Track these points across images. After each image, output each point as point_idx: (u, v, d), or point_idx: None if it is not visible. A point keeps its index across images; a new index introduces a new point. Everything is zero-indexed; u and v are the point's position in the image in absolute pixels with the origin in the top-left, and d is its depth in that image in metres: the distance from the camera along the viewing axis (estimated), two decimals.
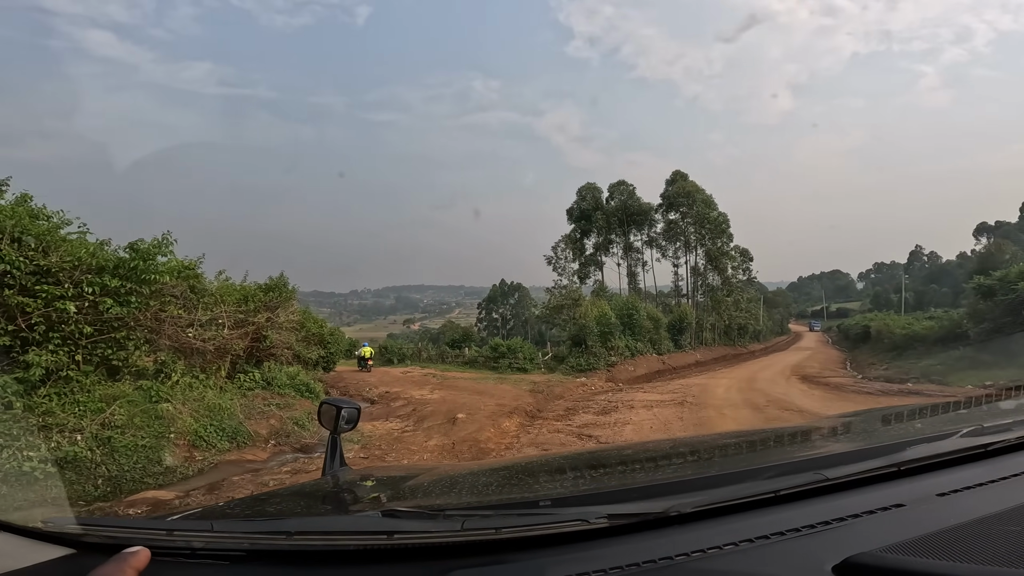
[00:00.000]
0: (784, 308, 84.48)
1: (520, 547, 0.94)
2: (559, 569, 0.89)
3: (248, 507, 1.68)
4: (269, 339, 12.59)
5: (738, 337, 50.03)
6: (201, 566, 0.97)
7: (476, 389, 16.59)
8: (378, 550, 0.95)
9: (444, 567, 0.90)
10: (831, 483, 1.13)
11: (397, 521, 1.04)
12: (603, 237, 46.86)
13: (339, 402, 1.95)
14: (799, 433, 2.07)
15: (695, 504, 1.02)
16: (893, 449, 1.35)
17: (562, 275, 39.91)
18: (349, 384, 19.21)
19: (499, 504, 1.31)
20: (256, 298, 12.55)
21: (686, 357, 36.17)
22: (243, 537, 1.03)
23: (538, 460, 2.98)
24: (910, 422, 2.12)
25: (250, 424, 9.41)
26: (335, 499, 1.66)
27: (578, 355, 26.34)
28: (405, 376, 21.53)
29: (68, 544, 1.02)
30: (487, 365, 26.00)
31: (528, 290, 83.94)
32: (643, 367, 29.19)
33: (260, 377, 12.47)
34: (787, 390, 16.47)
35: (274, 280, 13.58)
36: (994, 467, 1.26)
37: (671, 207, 46.33)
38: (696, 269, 47.75)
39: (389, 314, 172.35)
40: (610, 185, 47.65)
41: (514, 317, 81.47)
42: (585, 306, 29.11)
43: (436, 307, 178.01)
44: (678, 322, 38.72)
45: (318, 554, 0.98)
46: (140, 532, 1.05)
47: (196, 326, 9.91)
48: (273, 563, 0.98)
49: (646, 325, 33.27)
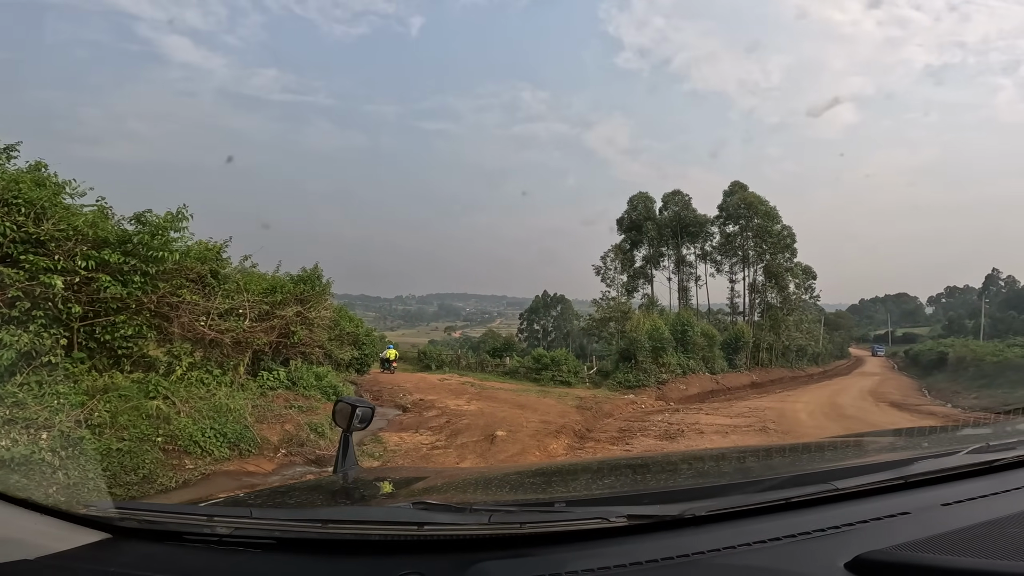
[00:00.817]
0: (845, 331, 79.45)
1: (543, 542, 0.97)
2: (580, 563, 0.90)
3: (269, 499, 1.66)
4: (297, 335, 11.54)
5: (796, 359, 47.05)
6: (234, 553, 0.98)
7: (517, 402, 15.16)
8: (407, 541, 0.98)
9: (470, 559, 0.92)
10: (841, 492, 1.15)
11: (427, 513, 1.07)
12: (654, 249, 44.93)
13: (354, 401, 1.95)
14: (811, 446, 2.21)
15: (710, 508, 1.05)
16: (901, 464, 1.36)
17: (611, 286, 38.00)
18: (383, 389, 18.13)
19: (522, 502, 1.37)
20: (285, 289, 11.52)
21: (740, 378, 33.83)
22: (276, 525, 1.04)
23: (553, 466, 2.94)
24: (918, 439, 2.20)
25: (262, 429, 8.28)
26: (356, 492, 1.69)
27: (626, 370, 24.53)
28: (442, 383, 20.32)
29: (105, 528, 1.04)
30: (528, 376, 24.53)
31: (571, 303, 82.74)
32: (695, 386, 27.13)
33: (285, 376, 11.43)
34: (890, 418, 14.33)
35: (307, 272, 12.55)
36: (998, 481, 1.28)
37: (729, 219, 44.04)
38: (754, 286, 45.13)
39: (432, 321, 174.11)
40: (664, 195, 45.82)
41: (556, 329, 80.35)
42: (636, 319, 27.29)
43: (478, 316, 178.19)
44: (733, 341, 36.25)
45: (348, 543, 0.99)
46: (175, 517, 1.07)
47: (213, 315, 8.88)
48: (303, 551, 0.99)
49: (699, 342, 31.21)
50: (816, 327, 52.40)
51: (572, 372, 24.28)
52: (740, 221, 43.20)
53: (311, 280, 12.35)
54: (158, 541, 1.03)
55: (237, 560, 0.97)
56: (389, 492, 1.67)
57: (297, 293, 11.73)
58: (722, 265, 44.83)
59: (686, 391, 25.39)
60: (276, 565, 0.97)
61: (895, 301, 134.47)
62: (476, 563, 0.90)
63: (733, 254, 44.34)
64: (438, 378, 22.73)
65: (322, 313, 12.34)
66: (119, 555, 0.93)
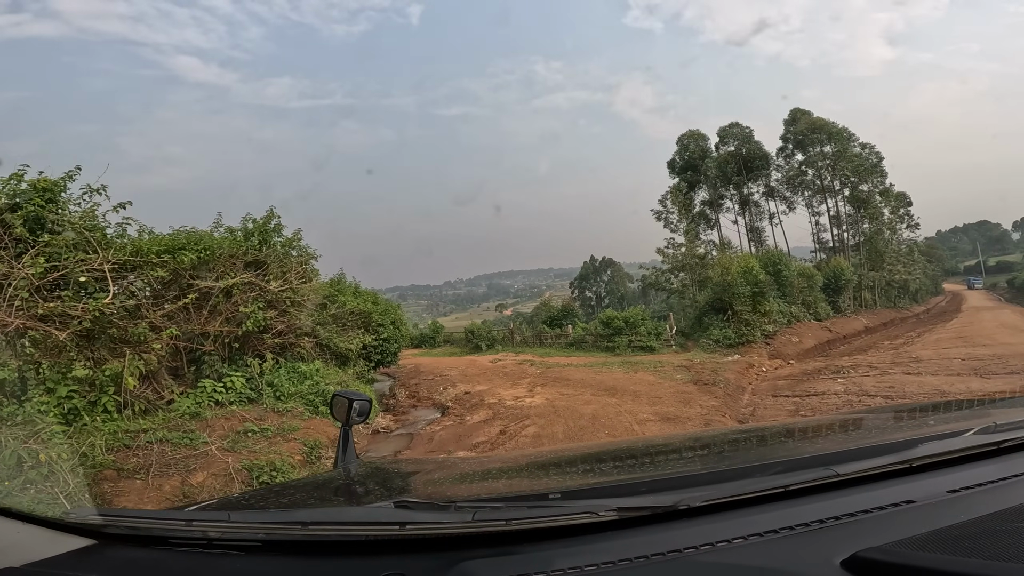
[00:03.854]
0: (937, 263, 70.84)
1: (530, 538, 0.93)
2: (568, 560, 0.87)
3: (263, 498, 1.73)
4: (253, 319, 7.28)
5: (898, 297, 40.88)
6: (218, 556, 0.97)
7: (601, 383, 10.49)
8: (390, 541, 0.95)
9: (455, 557, 0.90)
10: (841, 479, 1.09)
11: (409, 512, 1.04)
12: (714, 191, 39.49)
13: (350, 394, 1.90)
14: (809, 428, 2.11)
15: (704, 498, 1.00)
16: (904, 446, 1.29)
17: (675, 231, 32.23)
18: (422, 382, 13.91)
19: (509, 496, 1.31)
20: (213, 248, 7.24)
21: (851, 323, 28.23)
22: (259, 527, 1.02)
23: (548, 454, 2.88)
24: (922, 419, 2.08)
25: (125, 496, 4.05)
26: (348, 491, 1.66)
27: (720, 324, 19.48)
28: (495, 366, 15.91)
29: (89, 535, 1.03)
30: (598, 345, 19.77)
31: (620, 265, 79.41)
32: (808, 337, 21.82)
33: (243, 384, 7.22)
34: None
35: (257, 223, 8.22)
36: (1006, 465, 1.20)
37: (797, 148, 38.29)
38: (838, 218, 39.03)
39: (482, 301, 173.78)
40: (720, 128, 40.03)
41: (609, 294, 77.42)
42: (725, 260, 22.02)
43: (527, 291, 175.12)
44: (832, 280, 30.45)
45: (332, 544, 0.97)
46: (159, 523, 1.07)
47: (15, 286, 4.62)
48: (288, 553, 0.98)
49: (797, 284, 25.68)
50: (919, 259, 45.50)
51: (653, 334, 19.40)
52: (810, 149, 37.42)
53: (262, 232, 8.00)
54: (143, 546, 1.02)
55: (220, 564, 0.96)
56: (385, 489, 1.62)
57: (238, 253, 7.41)
58: (793, 201, 39.25)
59: (800, 344, 20.13)
60: (259, 567, 0.96)
61: (977, 229, 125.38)
62: (460, 562, 0.88)
63: (806, 187, 38.67)
64: (490, 359, 18.35)
65: (293, 283, 7.99)
66: (105, 561, 0.95)
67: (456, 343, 28.03)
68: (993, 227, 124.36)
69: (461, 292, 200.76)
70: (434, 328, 32.83)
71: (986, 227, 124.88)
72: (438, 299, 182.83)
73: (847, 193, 38.00)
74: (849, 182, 37.36)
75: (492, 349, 22.90)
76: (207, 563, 0.96)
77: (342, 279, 13.13)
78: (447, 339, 30.24)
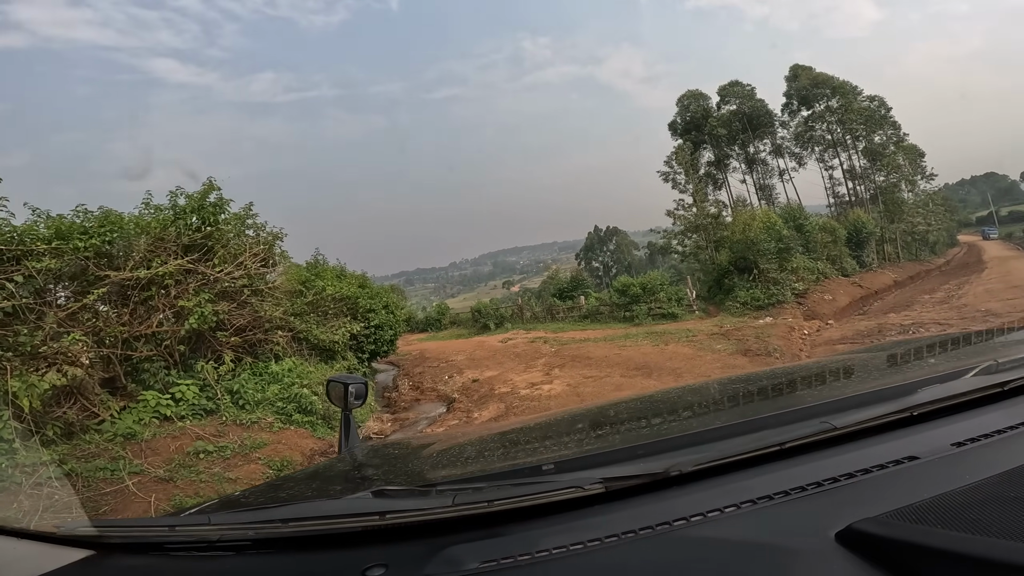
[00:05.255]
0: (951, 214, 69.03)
1: (514, 518, 0.92)
2: (553, 540, 0.85)
3: (262, 494, 1.63)
4: (197, 315, 5.84)
5: (919, 249, 39.41)
6: (211, 559, 0.97)
7: (629, 360, 9.06)
8: (372, 531, 0.93)
9: (438, 543, 0.88)
10: (839, 432, 1.03)
11: (389, 501, 1.04)
12: (719, 150, 38.13)
13: (346, 379, 1.92)
14: (804, 376, 2.01)
15: (696, 462, 0.97)
16: (904, 391, 1.20)
17: (684, 192, 30.36)
18: (427, 370, 12.60)
19: (493, 474, 1.27)
20: (118, 232, 5.75)
21: (880, 278, 26.76)
22: (245, 527, 1.02)
23: (534, 421, 2.71)
24: (919, 359, 2.01)
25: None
26: (343, 480, 1.65)
27: (747, 285, 17.97)
28: (506, 346, 14.52)
29: (86, 547, 1.02)
30: (615, 316, 18.34)
31: (626, 233, 77.99)
32: (841, 294, 20.37)
33: (195, 393, 5.84)
34: None
35: (191, 197, 6.70)
36: (1012, 411, 1.13)
37: (802, 104, 36.91)
38: (852, 171, 37.59)
39: (488, 280, 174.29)
40: (720, 87, 38.25)
41: (616, 263, 76.44)
42: (746, 215, 20.43)
43: (532, 266, 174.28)
44: (854, 234, 28.80)
45: (315, 538, 0.96)
46: (153, 530, 1.08)
47: None
48: (276, 550, 0.98)
49: (821, 239, 24.08)
50: (938, 209, 43.56)
51: (674, 300, 17.91)
52: (815, 104, 36.23)
53: (199, 210, 6.49)
54: (141, 554, 1.01)
55: (213, 566, 0.96)
56: (373, 476, 1.58)
57: (172, 237, 5.94)
58: (803, 157, 37.84)
59: (834, 302, 18.69)
60: (250, 567, 0.96)
61: (985, 181, 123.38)
62: (444, 548, 0.86)
63: (817, 142, 37.32)
64: (499, 339, 16.97)
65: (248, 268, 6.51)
66: (104, 571, 0.95)
67: (463, 324, 26.72)
68: (1001, 178, 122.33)
69: (467, 272, 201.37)
70: (439, 310, 31.40)
71: (994, 179, 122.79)
72: (445, 281, 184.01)
73: (861, 147, 36.51)
74: (860, 135, 35.99)
75: (501, 328, 21.55)
76: (201, 566, 0.96)
77: (320, 261, 11.60)
78: (453, 320, 28.85)
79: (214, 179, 6.80)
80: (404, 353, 15.98)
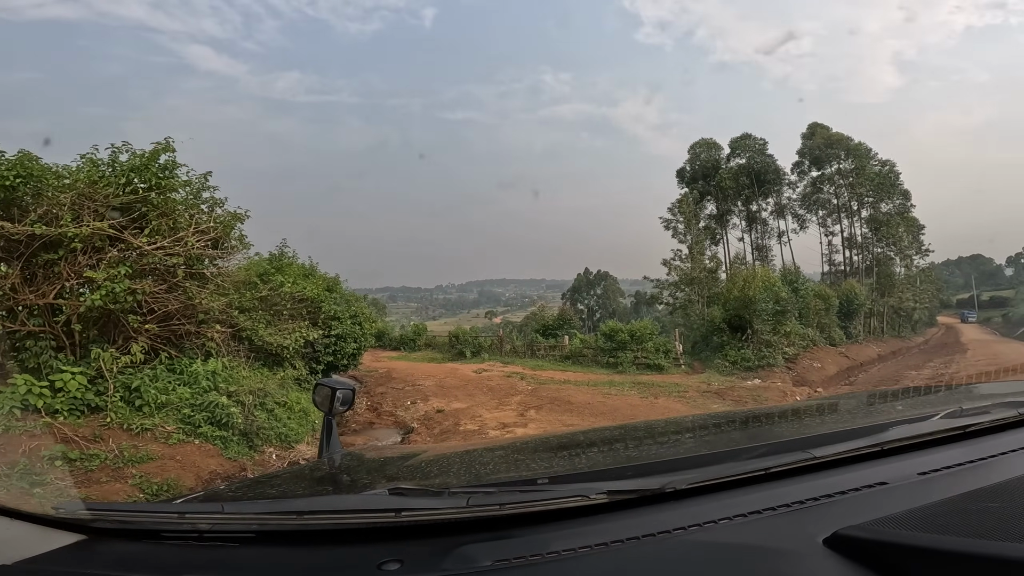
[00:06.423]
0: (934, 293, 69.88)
1: (523, 522, 0.94)
2: (561, 543, 0.88)
3: (251, 489, 1.68)
4: (105, 290, 4.86)
5: (902, 326, 39.25)
6: (211, 548, 0.96)
7: (615, 411, 8.17)
8: (386, 528, 0.94)
9: (450, 543, 0.90)
10: (818, 461, 1.12)
11: (404, 499, 1.03)
12: (723, 204, 38.02)
13: (334, 383, 1.89)
14: (788, 413, 2.18)
15: (690, 481, 1.01)
16: (877, 429, 1.34)
17: (683, 242, 29.87)
18: (389, 390, 11.61)
19: (502, 482, 1.31)
20: (24, 178, 4.81)
21: (865, 350, 26.43)
22: (253, 518, 1.01)
23: (534, 440, 2.86)
24: (892, 404, 2.17)
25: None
26: (338, 480, 1.64)
27: (738, 345, 17.23)
28: (479, 377, 13.54)
29: (79, 530, 1.00)
30: (598, 361, 17.46)
31: (615, 279, 77.41)
32: (829, 363, 19.75)
33: (80, 384, 4.81)
34: None
35: (137, 155, 5.79)
36: (973, 448, 1.24)
37: (813, 164, 37.00)
38: (852, 239, 37.55)
39: (472, 308, 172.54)
40: (732, 140, 38.46)
41: (601, 308, 75.84)
42: (747, 273, 19.83)
43: (518, 300, 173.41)
44: (845, 304, 28.46)
45: (327, 533, 0.96)
46: (150, 516, 1.06)
47: None
48: (281, 543, 0.97)
49: (814, 305, 23.58)
50: (927, 287, 43.64)
51: (662, 352, 17.09)
52: (827, 165, 36.23)
53: (143, 170, 5.59)
54: (135, 540, 1.00)
55: (214, 555, 0.94)
56: (376, 476, 1.60)
57: (104, 195, 5.01)
58: (806, 220, 37.79)
59: (822, 370, 18.04)
60: (254, 558, 0.94)
61: (970, 264, 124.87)
62: (457, 547, 0.88)
63: (823, 205, 37.36)
64: (473, 369, 15.98)
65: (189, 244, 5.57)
66: (96, 556, 0.92)
67: (438, 348, 25.72)
68: (987, 261, 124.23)
69: (452, 297, 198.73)
70: (416, 330, 30.37)
71: (980, 261, 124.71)
72: (428, 302, 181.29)
73: (865, 214, 36.52)
74: (867, 201, 36.06)
75: (478, 357, 20.54)
76: (201, 555, 0.94)
77: (285, 255, 10.54)
78: (429, 343, 27.83)
79: (171, 139, 5.94)
80: (371, 369, 14.93)
